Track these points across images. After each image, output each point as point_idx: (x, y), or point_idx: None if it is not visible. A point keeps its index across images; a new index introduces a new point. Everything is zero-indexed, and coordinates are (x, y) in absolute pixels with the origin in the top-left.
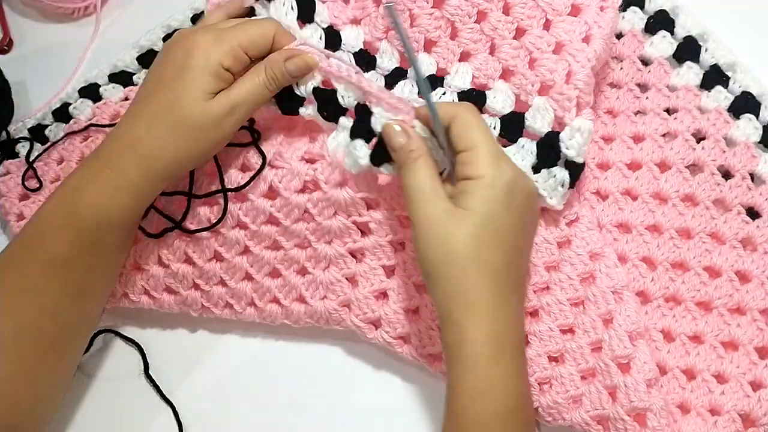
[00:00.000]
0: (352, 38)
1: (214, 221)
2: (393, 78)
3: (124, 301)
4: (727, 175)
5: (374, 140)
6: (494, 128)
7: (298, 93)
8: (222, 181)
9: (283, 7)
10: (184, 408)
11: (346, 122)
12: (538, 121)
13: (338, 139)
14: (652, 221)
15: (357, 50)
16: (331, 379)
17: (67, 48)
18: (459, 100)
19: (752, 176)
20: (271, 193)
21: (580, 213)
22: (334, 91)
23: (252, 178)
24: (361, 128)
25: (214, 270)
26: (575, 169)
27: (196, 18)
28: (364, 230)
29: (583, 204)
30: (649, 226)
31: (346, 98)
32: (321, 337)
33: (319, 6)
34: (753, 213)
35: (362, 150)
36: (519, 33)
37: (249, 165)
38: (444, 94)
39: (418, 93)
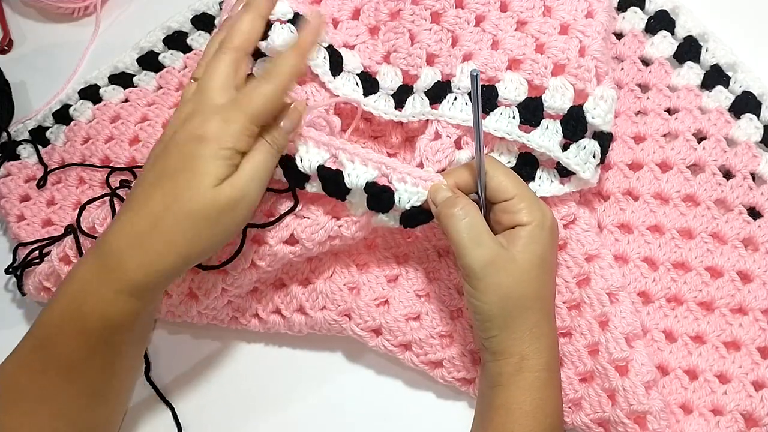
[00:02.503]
0: (351, 60)
1: (226, 259)
2: (400, 95)
3: None
4: (728, 175)
5: (402, 209)
6: (513, 117)
7: (301, 170)
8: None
9: (282, 32)
10: (183, 410)
11: (358, 198)
12: (558, 100)
13: (357, 208)
14: (653, 221)
15: (359, 72)
16: (331, 383)
17: (67, 48)
18: (470, 100)
19: (753, 176)
20: (292, 240)
21: (577, 214)
22: (339, 172)
23: (281, 217)
24: (381, 205)
25: (222, 301)
26: (604, 140)
27: (196, 19)
28: (371, 246)
29: (580, 205)
30: (651, 227)
31: (355, 178)
32: (321, 340)
33: None
34: (754, 213)
35: (389, 218)
36: (520, 25)
37: (276, 212)
38: (455, 99)
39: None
